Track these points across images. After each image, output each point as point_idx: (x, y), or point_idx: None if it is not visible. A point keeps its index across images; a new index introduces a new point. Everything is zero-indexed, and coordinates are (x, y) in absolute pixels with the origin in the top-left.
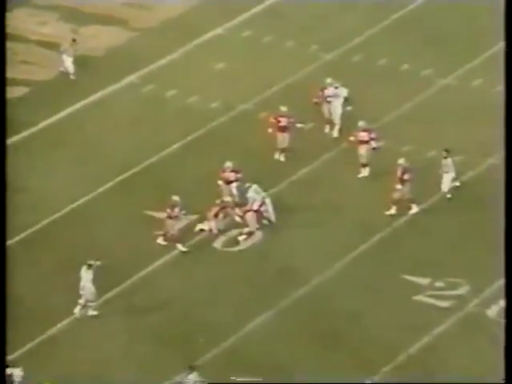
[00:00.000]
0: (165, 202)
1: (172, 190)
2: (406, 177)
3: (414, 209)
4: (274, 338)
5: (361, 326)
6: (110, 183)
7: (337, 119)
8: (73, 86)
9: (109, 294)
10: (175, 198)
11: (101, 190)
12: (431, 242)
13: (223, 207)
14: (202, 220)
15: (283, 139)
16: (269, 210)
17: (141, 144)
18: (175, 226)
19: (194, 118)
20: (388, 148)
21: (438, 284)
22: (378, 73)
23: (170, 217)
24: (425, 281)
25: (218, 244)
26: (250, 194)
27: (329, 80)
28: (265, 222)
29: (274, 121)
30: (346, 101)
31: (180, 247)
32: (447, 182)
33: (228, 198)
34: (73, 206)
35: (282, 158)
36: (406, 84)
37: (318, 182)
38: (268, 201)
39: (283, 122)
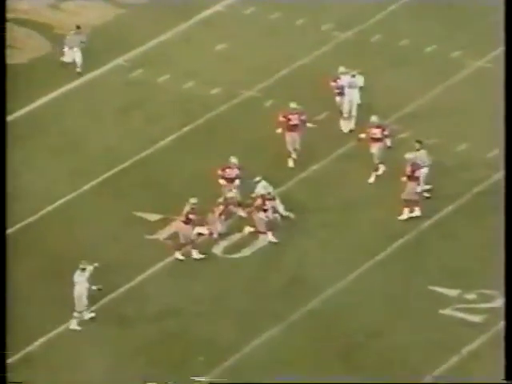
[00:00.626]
0: (158, 202)
1: (166, 188)
2: (417, 174)
3: (417, 212)
4: (282, 357)
5: (381, 344)
6: (96, 181)
7: (353, 110)
8: (52, 70)
9: (95, 305)
10: (193, 200)
11: (86, 187)
12: (460, 249)
13: (227, 206)
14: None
15: (293, 139)
16: (278, 207)
17: (130, 136)
18: (191, 232)
19: (191, 107)
20: (410, 141)
21: (469, 296)
22: (400, 55)
23: (187, 222)
24: (453, 292)
25: (218, 250)
26: (258, 190)
27: (342, 69)
28: (270, 217)
29: (283, 119)
30: (360, 90)
31: (178, 255)
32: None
33: (231, 194)
34: (53, 206)
35: (291, 163)
36: (432, 67)
37: (332, 180)
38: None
39: (293, 120)
